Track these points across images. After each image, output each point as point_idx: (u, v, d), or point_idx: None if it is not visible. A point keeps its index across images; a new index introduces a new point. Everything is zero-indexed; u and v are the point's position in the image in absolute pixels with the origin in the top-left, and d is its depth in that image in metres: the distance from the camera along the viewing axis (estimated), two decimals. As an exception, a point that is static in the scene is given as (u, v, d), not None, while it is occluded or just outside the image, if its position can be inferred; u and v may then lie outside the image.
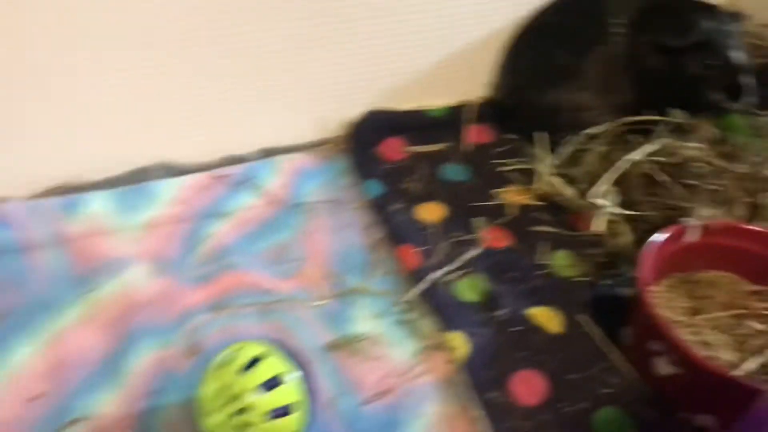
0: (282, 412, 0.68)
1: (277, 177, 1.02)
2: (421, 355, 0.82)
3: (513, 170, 1.05)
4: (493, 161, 1.06)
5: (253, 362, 0.68)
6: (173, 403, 0.77)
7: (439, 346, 0.83)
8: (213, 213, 0.97)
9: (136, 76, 0.94)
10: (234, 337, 0.80)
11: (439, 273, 0.88)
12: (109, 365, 0.79)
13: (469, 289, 0.88)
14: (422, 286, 0.87)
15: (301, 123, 1.06)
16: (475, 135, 1.09)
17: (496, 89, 1.13)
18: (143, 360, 0.80)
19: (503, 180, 1.04)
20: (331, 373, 0.78)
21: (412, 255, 0.91)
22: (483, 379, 0.79)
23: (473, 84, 1.13)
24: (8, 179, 0.94)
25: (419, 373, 0.81)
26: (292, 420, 0.68)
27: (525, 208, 0.99)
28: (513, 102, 1.09)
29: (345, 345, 0.83)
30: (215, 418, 0.67)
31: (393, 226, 0.95)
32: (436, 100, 1.11)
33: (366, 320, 0.86)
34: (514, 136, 1.09)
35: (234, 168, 1.03)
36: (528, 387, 0.79)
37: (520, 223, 0.97)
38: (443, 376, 0.80)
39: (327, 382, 0.76)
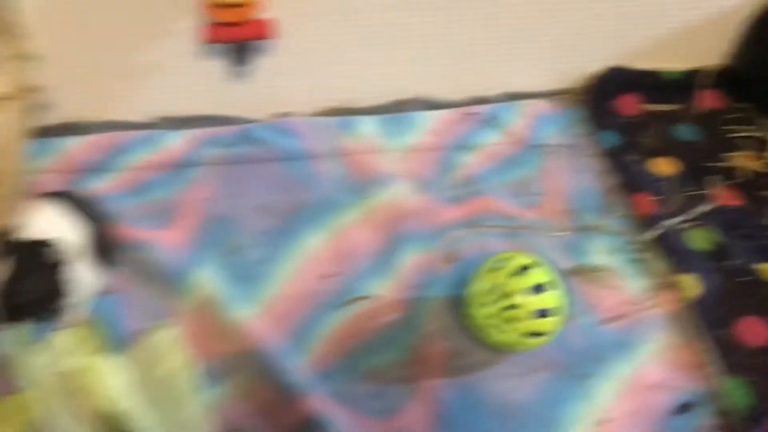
0: (543, 313, 0.80)
1: (519, 119, 1.14)
2: (653, 290, 0.92)
3: (744, 137, 1.11)
4: (725, 127, 1.12)
5: (524, 269, 0.81)
6: (435, 296, 0.91)
7: (670, 285, 0.92)
8: (463, 145, 1.10)
9: (409, 17, 1.07)
10: (485, 251, 0.94)
11: (673, 221, 0.97)
12: (383, 259, 0.95)
13: (700, 239, 0.96)
14: (656, 231, 0.97)
15: (544, 72, 1.16)
16: (708, 100, 1.15)
17: (735, 58, 1.17)
18: (409, 259, 0.95)
19: (734, 145, 1.10)
20: (571, 293, 0.89)
21: (647, 202, 1.00)
22: (712, 317, 0.88)
23: (711, 51, 1.19)
24: (295, 98, 1.11)
25: (651, 305, 0.91)
26: (551, 322, 0.80)
27: (756, 174, 1.04)
28: (753, 72, 1.14)
29: (583, 272, 0.94)
30: (487, 310, 0.81)
31: (628, 175, 1.04)
32: (673, 63, 1.17)
33: (601, 254, 0.97)
34: (747, 105, 1.14)
35: (481, 107, 1.15)
36: (753, 331, 0.87)
37: (751, 186, 1.03)
38: (673, 311, 0.90)
39: (569, 300, 0.87)
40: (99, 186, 0.99)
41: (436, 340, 0.86)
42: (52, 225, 0.82)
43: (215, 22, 0.97)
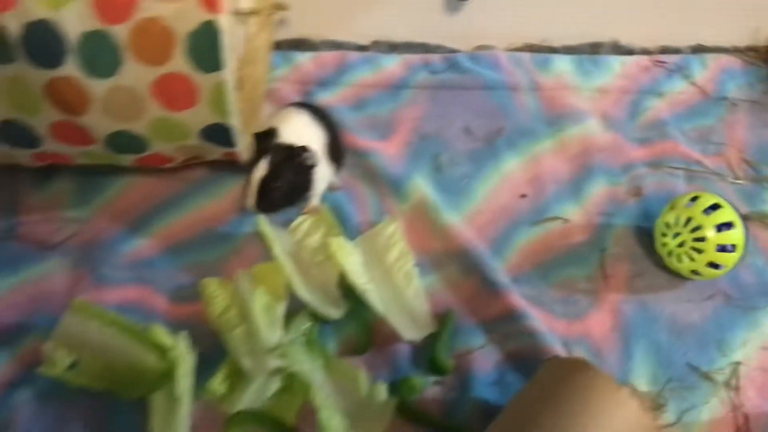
0: (725, 248, 0.91)
1: (706, 71, 1.21)
2: None
3: None
4: None
5: (715, 207, 0.92)
6: (620, 224, 1.03)
7: None
8: (651, 91, 1.18)
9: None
10: (667, 190, 1.04)
11: None
12: (573, 186, 1.07)
13: None
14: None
15: (734, 27, 1.23)
16: None
17: None
18: (597, 189, 1.06)
19: None
20: (747, 235, 0.98)
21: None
22: None
23: None
24: (495, 33, 1.23)
25: None
26: (731, 257, 0.91)
27: None
28: None
29: (757, 218, 1.04)
30: (679, 239, 0.92)
31: None
32: None
33: None
34: None
35: (670, 57, 1.22)
36: None
37: None
38: None
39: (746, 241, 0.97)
40: (326, 98, 1.14)
41: (620, 261, 0.98)
42: (301, 131, 0.98)
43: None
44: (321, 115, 1.01)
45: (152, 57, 0.78)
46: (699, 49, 1.24)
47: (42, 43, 0.76)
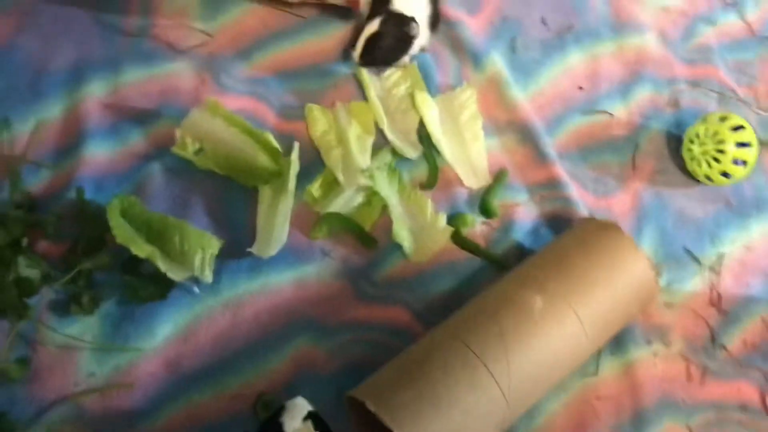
0: (738, 162, 1.12)
1: (757, 11, 1.37)
2: None
3: None
4: None
5: (739, 127, 1.12)
6: (655, 127, 1.22)
7: None
8: (706, 19, 1.34)
9: None
10: (701, 107, 1.22)
11: None
12: (623, 88, 1.24)
13: None
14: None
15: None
16: None
17: None
18: (643, 94, 1.24)
19: None
20: (760, 157, 1.17)
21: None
22: None
23: None
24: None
25: None
26: (742, 170, 1.12)
27: None
28: None
29: None
30: (702, 148, 1.12)
31: None
32: None
33: None
34: None
35: None
36: None
37: None
38: None
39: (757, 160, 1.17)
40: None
41: (648, 157, 1.19)
42: (413, 4, 1.14)
43: None
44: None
45: None
46: (758, -11, 1.38)
47: None
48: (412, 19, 1.08)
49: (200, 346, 0.95)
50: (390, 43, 1.10)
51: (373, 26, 1.08)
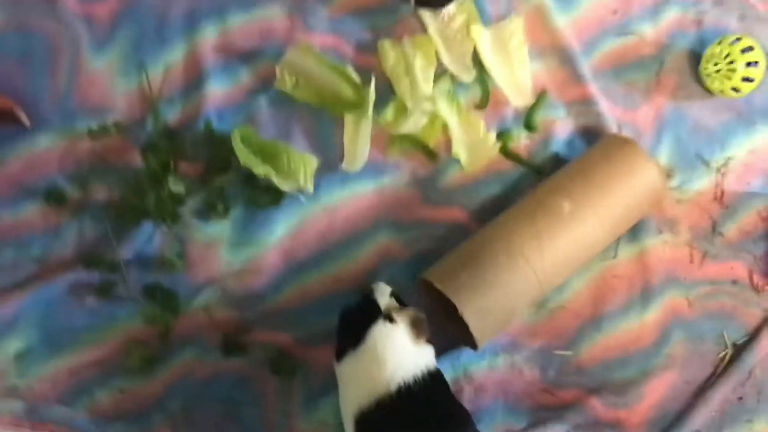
0: (748, 79, 1.32)
1: None
2: None
3: None
4: None
5: (748, 48, 1.32)
6: (680, 46, 1.41)
7: None
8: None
9: None
10: (723, 26, 1.39)
11: None
12: (653, 10, 1.41)
13: None
14: None
15: None
16: None
17: None
18: (671, 15, 1.39)
19: None
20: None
21: None
22: None
23: None
24: None
25: None
26: (750, 86, 1.32)
27: None
28: None
29: None
30: (717, 67, 1.33)
31: None
32: None
33: None
34: None
35: None
36: None
37: None
38: None
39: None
40: None
41: (671, 74, 1.40)
42: None
43: None
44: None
45: None
46: None
47: None
48: None
49: (307, 241, 1.27)
50: None
51: None
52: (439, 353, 1.12)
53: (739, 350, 1.25)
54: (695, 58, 1.36)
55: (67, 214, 1.24)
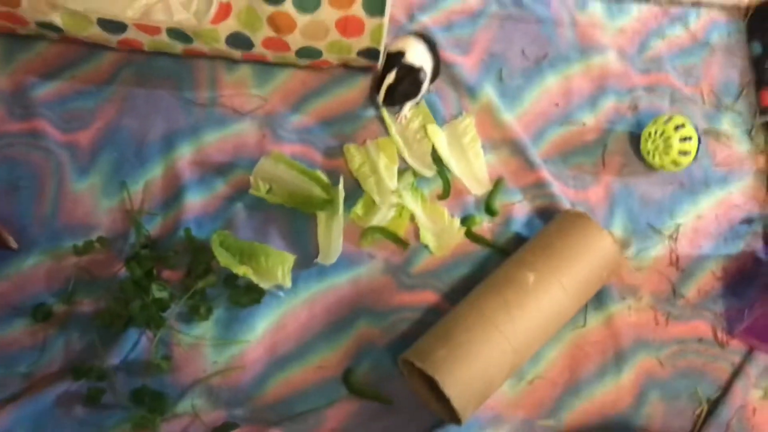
0: (684, 153, 1.45)
1: (698, 21, 1.69)
2: (752, 153, 1.55)
3: None
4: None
5: (680, 126, 1.45)
6: (619, 130, 1.55)
7: (766, 153, 1.54)
8: (657, 33, 1.67)
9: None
10: (656, 108, 1.55)
11: (781, 114, 1.56)
12: (591, 100, 1.56)
13: (795, 129, 1.56)
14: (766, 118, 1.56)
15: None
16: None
17: None
18: (608, 103, 1.56)
19: None
20: (702, 144, 1.49)
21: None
22: (784, 177, 1.50)
23: None
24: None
25: (748, 163, 1.54)
26: (687, 159, 1.44)
27: None
28: None
29: (712, 133, 1.57)
30: (653, 144, 1.45)
31: (761, 75, 1.61)
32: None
33: (728, 125, 1.58)
34: None
35: (675, 8, 1.70)
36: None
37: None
38: (760, 169, 1.53)
39: (700, 148, 1.50)
40: (424, 20, 1.63)
41: (615, 155, 1.53)
42: (420, 56, 1.45)
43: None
44: (432, 46, 1.50)
45: (340, 4, 1.28)
46: (697, 4, 1.70)
47: (272, -10, 1.26)
48: (421, 69, 1.42)
49: (288, 334, 1.32)
50: (405, 88, 1.43)
51: (391, 77, 1.41)
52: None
53: (714, 404, 1.29)
54: (635, 138, 1.49)
55: (54, 328, 1.28)
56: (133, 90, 1.48)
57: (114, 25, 1.34)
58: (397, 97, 1.42)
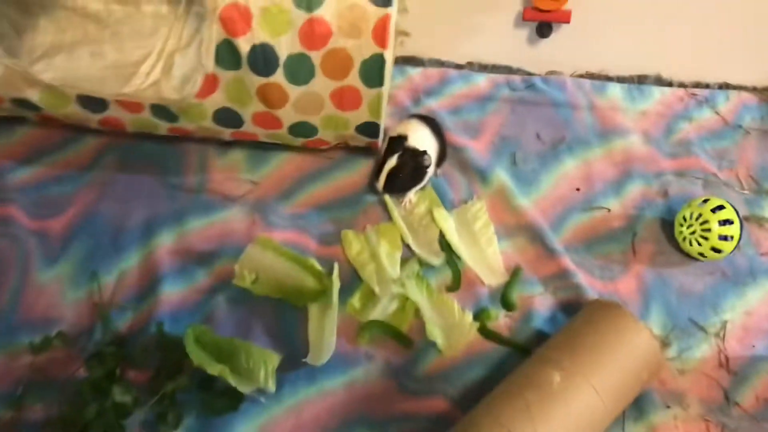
0: (725, 238, 1.27)
1: (727, 104, 1.56)
2: None
3: None
4: None
5: (720, 207, 1.28)
6: (649, 216, 1.39)
7: None
8: (683, 116, 1.54)
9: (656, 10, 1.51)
10: (688, 193, 1.39)
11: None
12: (616, 185, 1.42)
13: None
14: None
15: (753, 70, 1.58)
16: None
17: None
18: (634, 188, 1.42)
19: None
20: (745, 231, 1.32)
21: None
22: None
23: None
24: (563, 62, 1.59)
25: None
26: (729, 245, 1.27)
27: None
28: None
29: (754, 220, 1.39)
30: (690, 229, 1.28)
31: None
32: None
33: None
34: None
35: (701, 90, 1.58)
36: None
37: None
38: None
39: (742, 235, 1.32)
40: (431, 104, 1.52)
41: (646, 242, 1.35)
42: (423, 140, 1.32)
43: (535, 6, 1.47)
44: (436, 128, 1.38)
45: (335, 74, 1.17)
46: (725, 86, 1.58)
47: (262, 58, 1.15)
48: (425, 152, 1.28)
49: (270, 448, 1.10)
50: (408, 173, 1.29)
51: (392, 161, 1.28)
52: None
53: None
54: (667, 225, 1.33)
55: (-4, 439, 1.07)
56: (115, 175, 1.36)
57: (94, 102, 1.22)
58: (400, 182, 1.30)
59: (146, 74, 1.32)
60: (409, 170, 1.28)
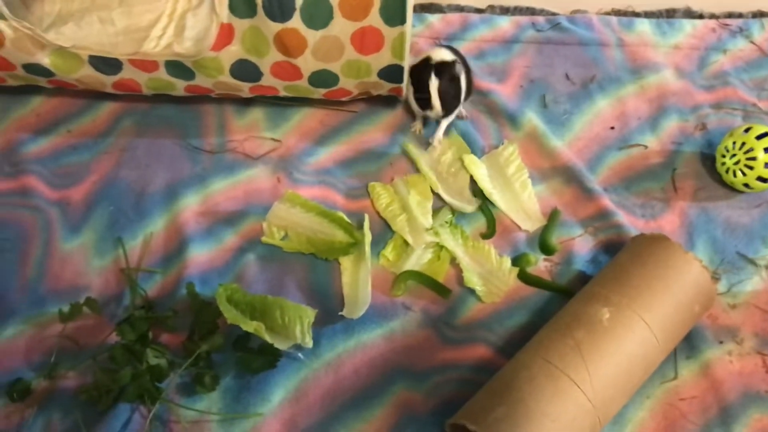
0: None
1: (763, 32, 1.49)
2: None
3: None
4: None
5: (764, 135, 1.22)
6: (688, 150, 1.33)
7: None
8: (716, 48, 1.47)
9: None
10: (726, 126, 1.33)
11: None
12: (651, 121, 1.36)
13: None
14: None
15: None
16: None
17: None
18: (670, 123, 1.36)
19: None
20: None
21: None
22: None
23: None
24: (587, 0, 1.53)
25: None
26: None
27: None
28: None
29: None
30: (734, 159, 1.22)
31: None
32: None
33: None
34: None
35: (734, 20, 1.51)
36: None
37: None
38: None
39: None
40: (453, 50, 1.46)
41: (687, 178, 1.29)
42: (448, 53, 1.27)
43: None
44: (460, 55, 1.32)
45: (355, 14, 1.11)
46: (759, 14, 1.51)
47: (278, 3, 1.10)
48: (454, 61, 1.23)
49: (310, 404, 1.07)
50: (448, 87, 1.24)
51: (434, 83, 1.22)
52: None
53: None
54: (708, 159, 1.28)
55: (32, 408, 1.06)
56: (133, 140, 1.32)
57: (107, 64, 1.18)
58: (450, 99, 1.25)
59: (158, 37, 1.27)
60: (446, 82, 1.23)
